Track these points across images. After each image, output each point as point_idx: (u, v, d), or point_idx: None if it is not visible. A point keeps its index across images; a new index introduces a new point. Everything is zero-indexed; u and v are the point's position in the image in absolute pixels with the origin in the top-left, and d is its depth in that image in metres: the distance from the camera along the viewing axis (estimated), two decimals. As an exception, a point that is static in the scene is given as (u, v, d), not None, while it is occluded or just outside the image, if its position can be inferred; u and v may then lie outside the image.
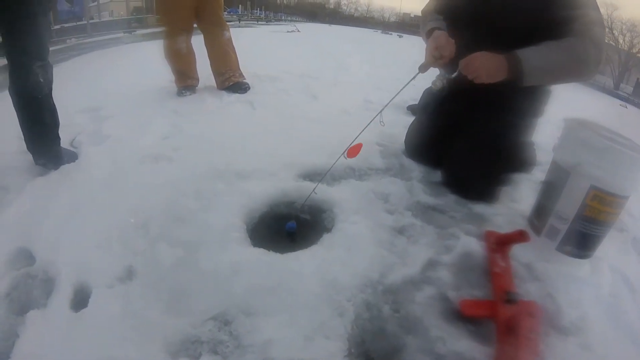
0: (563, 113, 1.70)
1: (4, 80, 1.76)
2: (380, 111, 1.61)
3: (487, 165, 1.77)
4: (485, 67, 1.61)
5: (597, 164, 1.30)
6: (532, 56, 1.58)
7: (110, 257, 1.37)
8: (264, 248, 1.42)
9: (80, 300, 1.23)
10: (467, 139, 1.89)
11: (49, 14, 1.80)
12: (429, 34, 1.79)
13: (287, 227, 1.59)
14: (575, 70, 1.61)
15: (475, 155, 1.82)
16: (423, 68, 1.66)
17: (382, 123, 1.61)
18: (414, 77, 1.63)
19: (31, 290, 1.29)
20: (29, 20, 1.69)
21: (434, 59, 1.66)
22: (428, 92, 2.26)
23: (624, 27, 37.74)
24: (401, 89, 1.65)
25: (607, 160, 1.28)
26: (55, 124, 1.93)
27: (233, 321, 1.15)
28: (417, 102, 3.00)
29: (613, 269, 1.46)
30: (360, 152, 2.21)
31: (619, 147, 1.28)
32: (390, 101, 1.67)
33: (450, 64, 1.67)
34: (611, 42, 37.78)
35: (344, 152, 1.61)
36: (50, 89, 1.86)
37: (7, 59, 1.73)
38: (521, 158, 2.01)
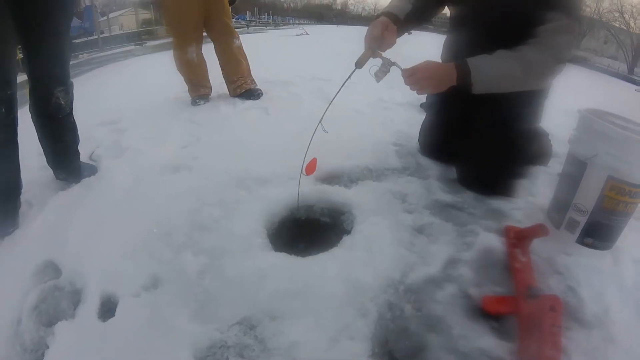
0: (577, 102, 1.68)
1: (25, 95, 1.76)
2: (320, 120, 1.56)
3: (499, 158, 1.75)
4: (431, 78, 1.60)
5: (614, 154, 1.29)
6: (482, 66, 1.57)
7: (136, 266, 1.40)
8: (286, 252, 1.43)
9: (107, 309, 1.26)
10: (475, 134, 1.88)
11: (70, 32, 1.77)
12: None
13: None
14: (528, 81, 1.60)
15: (485, 150, 1.81)
16: (359, 63, 1.59)
17: (325, 131, 1.54)
18: (350, 76, 1.56)
19: (59, 301, 1.32)
20: (51, 41, 1.66)
21: (371, 51, 1.62)
22: None
23: (634, 10, 36.97)
24: (339, 90, 1.60)
25: (624, 150, 1.27)
26: (75, 140, 1.97)
27: (258, 325, 1.17)
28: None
29: (635, 259, 1.44)
30: (377, 152, 2.23)
31: (635, 137, 1.27)
32: (330, 103, 1.62)
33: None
34: (622, 26, 37.06)
35: (301, 171, 1.59)
36: (72, 109, 1.88)
37: (28, 79, 1.72)
38: (534, 147, 1.99)
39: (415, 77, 1.59)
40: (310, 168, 1.60)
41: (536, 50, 1.52)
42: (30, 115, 1.81)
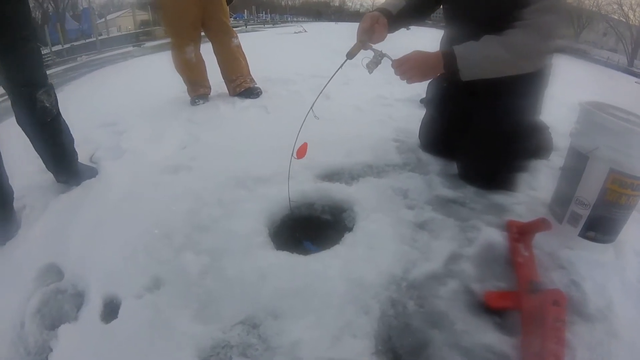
0: (578, 95, 1.67)
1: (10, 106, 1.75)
2: (312, 106, 1.59)
3: (500, 153, 1.74)
4: (419, 67, 1.63)
5: (615, 147, 1.29)
6: (468, 52, 1.60)
7: (137, 267, 1.40)
8: (287, 251, 1.43)
9: (110, 311, 1.26)
10: (475, 128, 1.87)
11: (38, 36, 1.74)
12: None
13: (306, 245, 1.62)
14: (516, 63, 1.60)
15: (486, 144, 1.80)
16: (350, 54, 1.62)
17: (316, 117, 1.58)
18: (341, 66, 1.59)
19: (62, 304, 1.32)
20: (22, 47, 1.63)
21: (362, 43, 1.65)
22: (432, 85, 2.25)
23: (633, 2, 36.80)
24: (330, 79, 1.61)
25: (625, 142, 1.27)
26: (70, 140, 1.97)
27: (261, 324, 1.17)
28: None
29: (637, 252, 1.44)
30: (377, 148, 2.23)
31: (636, 129, 1.26)
32: (320, 93, 1.64)
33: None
34: (622, 18, 36.99)
35: (292, 155, 1.60)
36: (58, 110, 1.86)
37: (6, 91, 1.70)
38: (535, 140, 1.99)
39: (404, 66, 1.62)
40: (301, 152, 1.61)
41: (522, 32, 1.54)
42: (19, 127, 1.80)
